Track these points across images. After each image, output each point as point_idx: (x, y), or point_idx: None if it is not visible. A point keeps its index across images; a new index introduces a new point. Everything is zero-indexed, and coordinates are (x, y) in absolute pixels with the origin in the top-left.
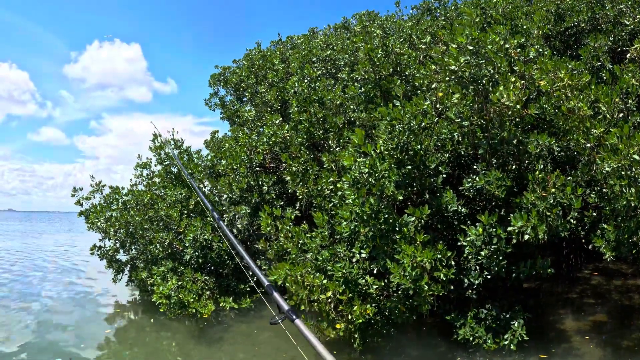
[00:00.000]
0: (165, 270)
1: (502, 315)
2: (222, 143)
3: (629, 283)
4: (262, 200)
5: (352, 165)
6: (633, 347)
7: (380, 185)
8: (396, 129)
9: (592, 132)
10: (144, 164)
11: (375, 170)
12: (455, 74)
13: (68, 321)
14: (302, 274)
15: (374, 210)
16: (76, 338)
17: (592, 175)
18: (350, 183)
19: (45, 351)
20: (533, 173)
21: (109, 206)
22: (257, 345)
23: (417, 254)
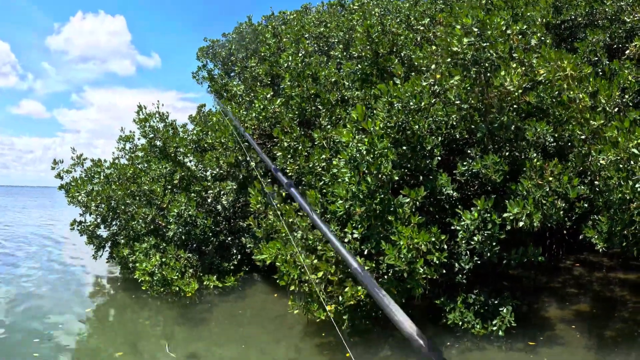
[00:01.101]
0: (147, 246)
1: (491, 301)
2: (209, 117)
3: (610, 276)
4: (249, 176)
5: (350, 142)
6: (616, 338)
7: (378, 164)
8: (395, 108)
9: (591, 124)
10: (127, 137)
11: (374, 148)
12: (457, 56)
13: (46, 300)
14: (292, 254)
15: (370, 189)
16: (55, 318)
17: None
18: (346, 160)
19: (22, 331)
20: (530, 160)
21: (91, 180)
22: (243, 326)
23: (413, 235)
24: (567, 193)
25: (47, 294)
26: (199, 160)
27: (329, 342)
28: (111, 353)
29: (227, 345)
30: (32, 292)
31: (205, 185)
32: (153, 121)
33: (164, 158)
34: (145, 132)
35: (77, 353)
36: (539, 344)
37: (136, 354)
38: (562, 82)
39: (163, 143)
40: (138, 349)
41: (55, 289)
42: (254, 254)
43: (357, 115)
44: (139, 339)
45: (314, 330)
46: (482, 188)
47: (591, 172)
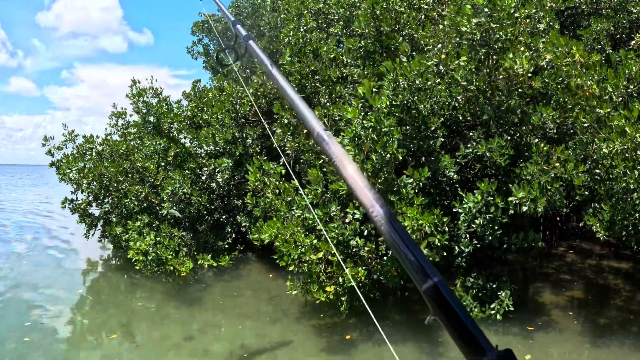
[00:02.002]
0: (141, 225)
1: (489, 285)
2: (204, 93)
3: (602, 264)
4: (245, 153)
5: (356, 119)
6: (610, 325)
7: (384, 142)
8: (400, 86)
9: (597, 112)
10: (119, 113)
11: (381, 125)
12: (465, 36)
13: (37, 281)
14: (292, 233)
15: (375, 168)
16: (46, 300)
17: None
18: (350, 138)
19: (12, 314)
20: (537, 145)
21: (82, 157)
22: (238, 307)
23: (418, 217)
24: (572, 180)
25: (38, 274)
26: (193, 137)
27: (326, 324)
28: (105, 336)
29: (222, 326)
30: (22, 273)
31: (199, 162)
32: (147, 97)
33: (157, 134)
34: (138, 107)
35: (70, 336)
36: (537, 329)
37: (130, 336)
38: (570, 68)
39: (157, 119)
40: (132, 331)
41: (46, 269)
42: (252, 233)
43: (365, 91)
44: (133, 320)
45: (311, 311)
46: (482, 171)
47: (592, 160)
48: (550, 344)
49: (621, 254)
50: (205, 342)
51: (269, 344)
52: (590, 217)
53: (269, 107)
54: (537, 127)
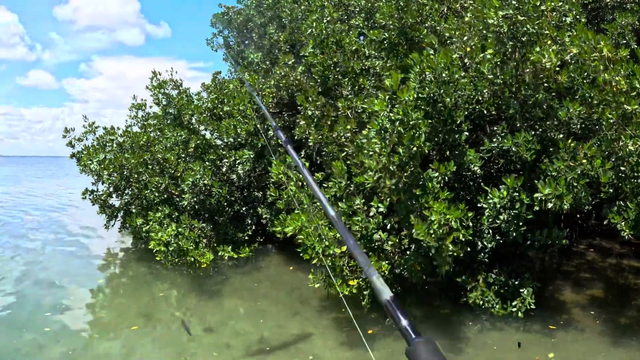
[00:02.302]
0: (161, 216)
1: (511, 282)
2: (225, 84)
3: (623, 262)
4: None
5: (383, 111)
6: (631, 325)
7: (411, 136)
8: (427, 78)
9: (625, 108)
10: (139, 104)
11: (409, 118)
12: (492, 28)
13: (57, 271)
14: (316, 227)
15: (403, 161)
16: (66, 290)
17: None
18: (377, 131)
19: (33, 304)
20: (564, 140)
21: (103, 148)
22: (258, 299)
23: (445, 211)
24: (599, 177)
25: (58, 265)
26: (214, 129)
27: (346, 317)
28: (126, 327)
29: (243, 319)
30: (42, 263)
31: (220, 154)
32: (167, 88)
33: (178, 126)
34: (158, 99)
35: (90, 327)
36: (558, 328)
37: (151, 327)
38: (597, 63)
39: (178, 110)
40: (152, 322)
41: (66, 259)
42: (274, 226)
43: (392, 84)
44: (153, 311)
45: (331, 305)
46: (505, 166)
47: (617, 157)
48: (572, 343)
49: None
50: (226, 335)
51: (290, 337)
52: (614, 215)
53: (290, 99)
54: (564, 122)
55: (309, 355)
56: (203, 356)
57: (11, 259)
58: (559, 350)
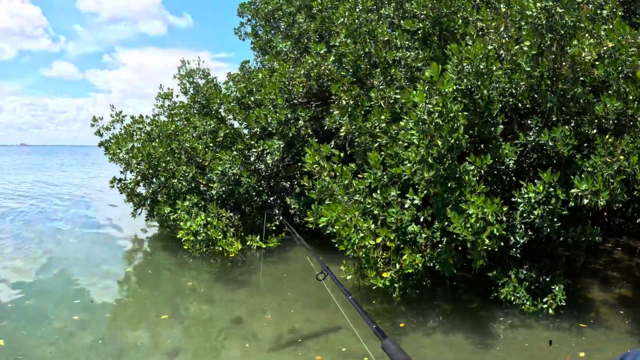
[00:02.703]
0: (190, 204)
1: (542, 278)
2: (253, 74)
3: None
4: (297, 135)
5: (421, 103)
6: None
7: (450, 128)
8: (465, 70)
9: None
10: (166, 94)
11: (449, 110)
12: (530, 20)
13: (85, 260)
14: (352, 218)
15: (441, 153)
16: (94, 278)
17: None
18: (415, 122)
19: (62, 292)
20: (602, 136)
21: (131, 137)
22: (287, 290)
23: (483, 205)
24: (635, 174)
25: (85, 253)
26: (243, 118)
27: (376, 310)
28: (154, 316)
29: (271, 309)
30: (69, 252)
31: (248, 143)
32: (195, 77)
33: (205, 115)
34: (185, 88)
35: (119, 316)
36: (588, 326)
37: (180, 317)
38: (635, 57)
39: (206, 99)
40: (181, 312)
41: (93, 248)
42: (307, 216)
43: (433, 74)
44: (181, 301)
45: (360, 297)
46: (538, 161)
47: None
48: (602, 342)
49: None
50: (254, 326)
51: (319, 329)
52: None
53: (320, 89)
54: (601, 117)
55: (340, 347)
56: (234, 347)
57: (38, 247)
58: (590, 349)
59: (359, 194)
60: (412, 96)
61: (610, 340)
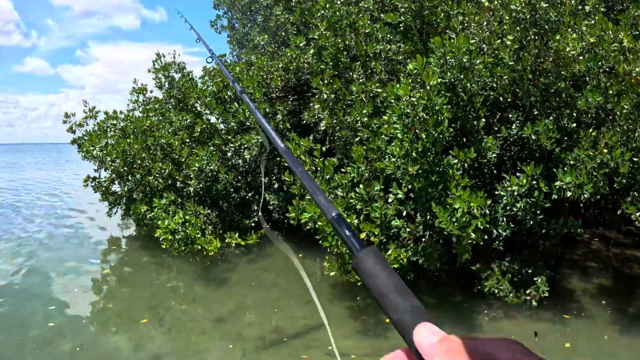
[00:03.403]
0: (167, 202)
1: (524, 270)
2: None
3: (626, 253)
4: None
5: (405, 96)
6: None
7: (435, 121)
8: (448, 63)
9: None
10: (140, 88)
11: (435, 103)
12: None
13: (60, 262)
14: None
15: (425, 147)
16: (70, 281)
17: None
18: (398, 116)
19: (36, 297)
20: (585, 130)
21: (105, 133)
22: (268, 288)
23: (469, 199)
24: (618, 166)
25: (60, 255)
26: (220, 113)
27: (359, 305)
28: (134, 319)
29: (254, 308)
30: (44, 254)
31: (225, 138)
32: (170, 71)
33: (181, 110)
34: (160, 83)
35: (97, 320)
36: (571, 317)
37: (160, 319)
38: (617, 53)
39: (183, 94)
40: (161, 314)
41: (68, 249)
42: (288, 212)
43: (417, 67)
44: (161, 302)
45: (343, 292)
46: (518, 154)
47: (631, 147)
48: (586, 333)
49: None
50: (238, 325)
51: (304, 327)
52: (628, 204)
53: (298, 83)
54: (582, 111)
55: (327, 346)
56: (218, 348)
57: (12, 250)
58: (575, 340)
59: (341, 188)
60: (396, 89)
61: (594, 330)
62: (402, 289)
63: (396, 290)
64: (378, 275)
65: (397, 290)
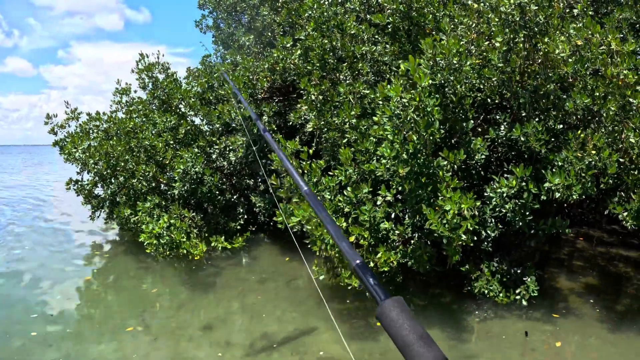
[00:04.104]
0: (151, 205)
1: (513, 270)
2: (215, 68)
3: (612, 252)
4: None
5: (397, 97)
6: (628, 313)
7: (427, 123)
8: (439, 64)
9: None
10: (124, 89)
11: (426, 104)
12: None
13: (42, 268)
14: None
15: (416, 149)
16: (52, 287)
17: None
18: (389, 117)
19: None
20: (574, 131)
21: (87, 135)
22: (257, 293)
23: (460, 200)
24: (606, 167)
25: (42, 260)
26: (205, 114)
27: (348, 308)
28: (120, 327)
29: (242, 314)
30: (24, 259)
31: (210, 140)
32: (154, 72)
33: (165, 111)
34: (144, 83)
35: (82, 329)
36: (560, 316)
37: (146, 327)
38: (605, 56)
39: (167, 95)
40: (147, 321)
41: (50, 255)
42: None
43: (410, 68)
44: (147, 309)
45: (331, 296)
46: (504, 155)
47: (617, 149)
48: (576, 331)
49: (628, 242)
50: (226, 332)
51: (294, 332)
52: (615, 205)
53: (284, 84)
54: (570, 113)
55: (318, 351)
56: (206, 357)
57: None
58: (565, 339)
59: (329, 191)
60: (387, 90)
61: (583, 328)
62: (427, 340)
63: (421, 341)
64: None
65: (422, 341)
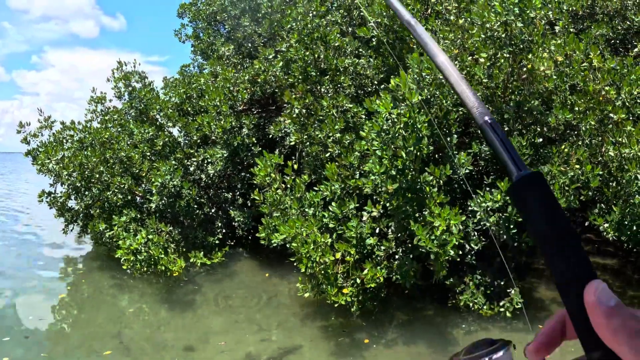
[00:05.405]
0: (127, 220)
1: (497, 282)
2: (194, 78)
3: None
4: (242, 143)
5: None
6: None
7: (415, 139)
8: (425, 80)
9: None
10: (99, 98)
11: (416, 120)
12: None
13: (11, 286)
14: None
15: (405, 165)
16: (26, 308)
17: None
18: (377, 132)
19: None
20: (558, 146)
21: (61, 145)
22: (237, 311)
23: (450, 217)
24: (589, 181)
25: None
26: (183, 125)
27: (332, 325)
28: (97, 350)
29: (223, 333)
30: None
31: (187, 152)
32: (132, 81)
33: (142, 122)
34: (120, 92)
35: (59, 353)
36: None
37: (125, 349)
38: (587, 72)
39: (145, 105)
40: (126, 343)
41: (23, 271)
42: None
43: (401, 84)
44: (125, 329)
45: (314, 313)
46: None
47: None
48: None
49: (604, 250)
50: (208, 353)
51: (278, 351)
52: (595, 216)
53: (264, 96)
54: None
55: None
56: None
57: None
58: None
59: (313, 207)
60: (376, 105)
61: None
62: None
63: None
64: (545, 212)
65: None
